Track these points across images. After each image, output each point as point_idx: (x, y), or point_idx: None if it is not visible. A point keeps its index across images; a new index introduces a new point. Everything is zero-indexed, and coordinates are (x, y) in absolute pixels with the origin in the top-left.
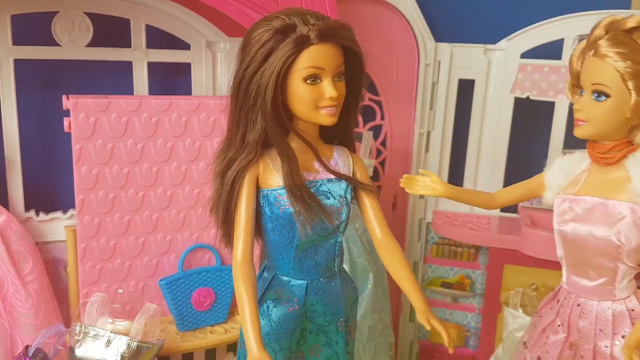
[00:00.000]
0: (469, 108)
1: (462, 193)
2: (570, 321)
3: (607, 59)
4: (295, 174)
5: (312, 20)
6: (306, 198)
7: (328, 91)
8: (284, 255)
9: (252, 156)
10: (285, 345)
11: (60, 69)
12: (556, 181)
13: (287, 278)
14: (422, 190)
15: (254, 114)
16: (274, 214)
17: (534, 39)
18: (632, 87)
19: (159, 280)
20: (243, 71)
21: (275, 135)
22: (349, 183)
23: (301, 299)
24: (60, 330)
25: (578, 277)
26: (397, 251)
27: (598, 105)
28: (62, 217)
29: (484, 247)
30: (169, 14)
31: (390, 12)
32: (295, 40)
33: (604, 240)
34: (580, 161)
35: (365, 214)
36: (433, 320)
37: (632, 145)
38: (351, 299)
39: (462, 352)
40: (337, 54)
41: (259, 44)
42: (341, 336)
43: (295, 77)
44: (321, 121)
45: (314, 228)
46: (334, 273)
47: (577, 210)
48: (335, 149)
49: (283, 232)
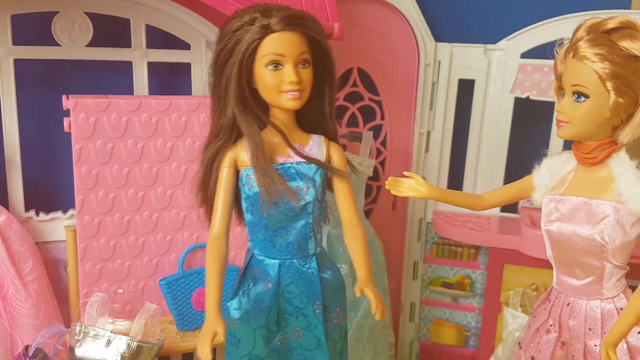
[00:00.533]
0: (468, 108)
1: (447, 194)
2: (561, 321)
3: (585, 60)
4: (259, 153)
5: (275, 12)
6: (269, 176)
7: (288, 76)
8: (257, 234)
9: (224, 140)
10: (263, 323)
11: (60, 69)
12: (543, 182)
13: (262, 257)
14: (406, 192)
15: (225, 100)
16: (246, 193)
17: (534, 39)
18: (611, 88)
19: (159, 280)
20: (215, 60)
21: (243, 120)
22: (319, 167)
23: (275, 278)
24: (60, 330)
25: (566, 277)
26: (359, 235)
27: (578, 106)
28: (62, 217)
29: (484, 247)
30: (169, 14)
31: (390, 12)
32: (257, 29)
33: (588, 239)
34: (566, 162)
35: (337, 197)
36: (366, 289)
37: (616, 145)
38: (333, 285)
39: (462, 352)
40: (299, 42)
41: (229, 35)
42: (320, 320)
43: (259, 64)
44: (285, 105)
45: (278, 207)
46: (307, 255)
47: (563, 210)
48: (312, 137)
49: (254, 211)
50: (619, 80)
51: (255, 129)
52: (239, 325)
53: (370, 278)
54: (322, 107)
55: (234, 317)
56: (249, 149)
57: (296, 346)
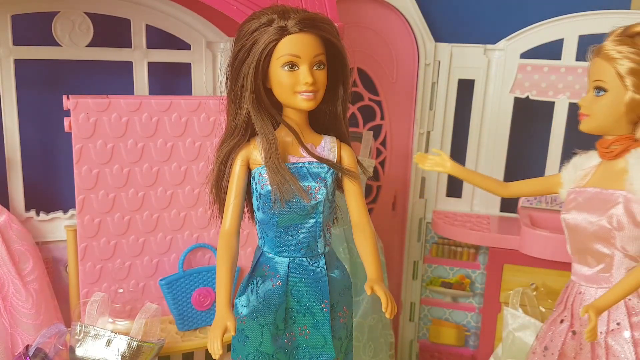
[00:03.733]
0: (468, 108)
1: (471, 174)
2: (573, 310)
3: (607, 58)
4: (273, 152)
5: (292, 14)
6: (282, 175)
7: (303, 77)
8: (268, 232)
9: (239, 138)
10: (271, 320)
11: (60, 69)
12: (568, 176)
13: (271, 255)
14: (430, 166)
15: (240, 99)
16: (258, 192)
17: (534, 39)
18: (629, 84)
19: (159, 280)
20: (233, 60)
21: (257, 119)
22: (330, 167)
23: (284, 276)
24: (61, 329)
25: (580, 265)
26: (369, 235)
27: (597, 100)
28: (63, 216)
29: (484, 247)
30: (169, 14)
31: (390, 12)
32: (274, 30)
33: (597, 224)
34: (590, 158)
35: (347, 198)
36: (377, 287)
37: (636, 142)
38: (340, 285)
39: (462, 352)
40: (315, 43)
41: (246, 35)
42: (327, 319)
43: (275, 64)
44: (299, 105)
45: (290, 205)
46: (317, 254)
47: (579, 200)
48: (324, 138)
49: (265, 209)
50: (637, 77)
51: (270, 128)
52: (247, 321)
53: (380, 276)
54: (335, 109)
55: (242, 314)
56: (262, 147)
57: (303, 344)
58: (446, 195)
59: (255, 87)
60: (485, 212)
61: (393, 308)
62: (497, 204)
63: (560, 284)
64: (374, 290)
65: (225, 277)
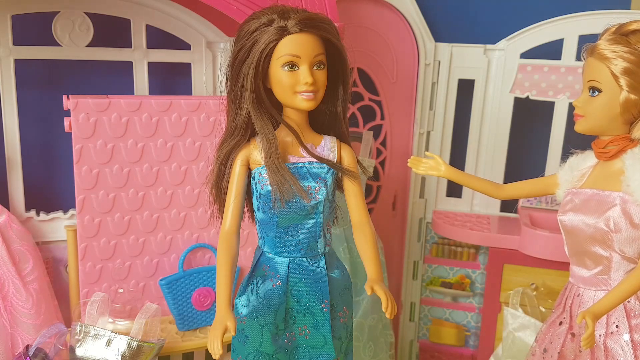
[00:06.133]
0: (468, 108)
1: (465, 177)
2: (572, 312)
3: (601, 57)
4: (273, 152)
5: (292, 14)
6: (282, 174)
7: (304, 77)
8: (268, 232)
9: (239, 138)
10: (271, 320)
11: (60, 69)
12: (565, 177)
13: (271, 255)
14: (425, 170)
15: (240, 99)
16: (258, 192)
17: (534, 39)
18: (623, 84)
19: (159, 280)
20: (233, 60)
21: (257, 119)
22: (331, 167)
23: (284, 276)
24: (61, 329)
25: (578, 267)
26: (369, 235)
27: (592, 100)
28: (63, 216)
29: (484, 246)
30: (169, 14)
31: (390, 12)
32: (274, 31)
33: (594, 226)
34: (587, 158)
35: (347, 198)
36: (377, 287)
37: (631, 142)
38: (340, 285)
39: (462, 351)
40: (315, 44)
41: (246, 35)
42: (327, 319)
43: (275, 64)
44: (299, 105)
45: (290, 205)
46: (317, 254)
47: (576, 201)
48: (324, 138)
49: (265, 209)
50: (631, 77)
51: (270, 128)
52: (247, 321)
53: (380, 276)
54: (335, 109)
55: (242, 314)
56: (262, 147)
57: (303, 344)
58: (446, 195)
59: (256, 87)
60: (485, 212)
61: (393, 308)
62: (497, 204)
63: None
64: (374, 290)
65: (226, 277)
